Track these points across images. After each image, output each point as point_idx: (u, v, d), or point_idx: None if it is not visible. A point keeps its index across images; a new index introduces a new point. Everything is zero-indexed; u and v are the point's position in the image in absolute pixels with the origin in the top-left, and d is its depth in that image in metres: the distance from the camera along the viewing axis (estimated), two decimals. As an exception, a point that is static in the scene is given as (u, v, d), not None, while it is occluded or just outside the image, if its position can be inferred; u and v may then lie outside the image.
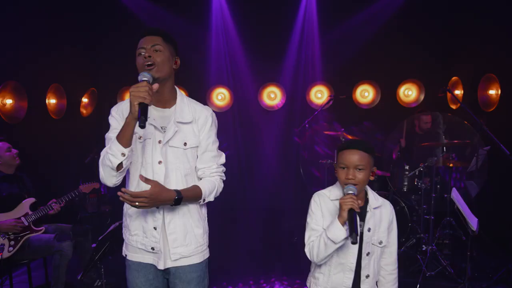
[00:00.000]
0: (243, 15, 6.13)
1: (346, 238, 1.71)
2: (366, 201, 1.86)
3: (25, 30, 4.42)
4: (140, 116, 1.61)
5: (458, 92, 5.46)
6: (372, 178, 1.82)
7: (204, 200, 1.88)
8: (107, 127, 1.84)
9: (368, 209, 1.84)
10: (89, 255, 3.14)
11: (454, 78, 5.54)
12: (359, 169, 1.76)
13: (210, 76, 6.25)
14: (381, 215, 1.87)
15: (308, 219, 1.90)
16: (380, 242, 1.84)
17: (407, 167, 4.38)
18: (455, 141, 4.27)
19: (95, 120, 5.84)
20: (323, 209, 1.86)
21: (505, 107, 4.54)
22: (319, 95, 6.28)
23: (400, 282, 2.00)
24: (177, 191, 1.76)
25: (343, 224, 1.69)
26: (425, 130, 4.71)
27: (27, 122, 4.41)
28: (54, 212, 3.37)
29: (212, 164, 1.93)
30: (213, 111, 2.02)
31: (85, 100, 5.77)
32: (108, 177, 1.73)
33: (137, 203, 1.66)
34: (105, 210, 5.01)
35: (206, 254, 1.97)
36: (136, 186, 1.84)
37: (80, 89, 5.68)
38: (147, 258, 1.87)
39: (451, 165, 4.28)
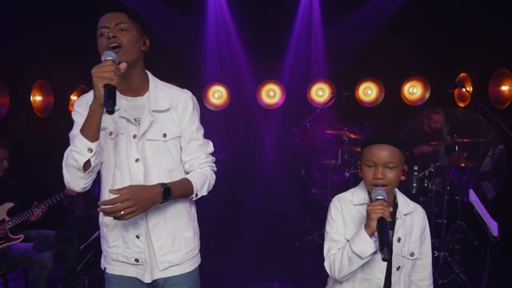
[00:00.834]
0: (241, 10, 5.90)
1: (375, 253, 1.44)
2: (395, 206, 1.59)
3: (10, 22, 4.15)
4: (107, 99, 1.34)
5: (468, 89, 5.23)
6: (403, 177, 1.55)
7: (196, 195, 1.63)
8: None
9: (397, 215, 1.57)
10: (71, 264, 2.86)
11: (462, 74, 5.31)
12: (390, 168, 1.50)
13: (206, 73, 5.99)
14: (412, 222, 1.60)
15: (328, 228, 1.62)
16: (412, 254, 1.58)
17: (416, 168, 4.12)
18: (466, 139, 4.01)
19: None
20: (345, 215, 1.59)
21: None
22: (320, 93, 6.04)
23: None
24: (161, 184, 1.51)
25: (371, 235, 1.43)
26: (435, 129, 4.47)
27: (9, 119, 4.13)
28: (36, 219, 3.08)
29: (200, 155, 1.69)
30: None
31: (74, 98, 5.49)
32: (74, 180, 1.47)
33: (122, 212, 1.39)
34: (95, 213, 4.72)
35: (198, 261, 1.74)
36: (111, 189, 1.58)
37: (68, 86, 5.40)
38: (130, 271, 1.63)
39: (462, 165, 4.03)
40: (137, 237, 1.57)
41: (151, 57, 1.82)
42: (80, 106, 1.59)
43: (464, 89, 4.02)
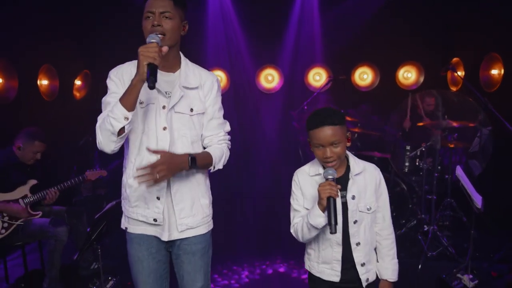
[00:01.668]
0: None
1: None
2: (347, 168, 1.80)
3: (17, 7, 4.23)
4: (150, 76, 1.53)
5: (459, 73, 5.37)
6: (349, 144, 1.75)
7: (214, 167, 1.84)
8: (101, 110, 1.74)
9: (350, 176, 1.78)
10: (85, 236, 3.05)
11: (455, 59, 5.47)
12: (335, 144, 1.69)
13: (205, 57, 6.10)
14: (365, 180, 1.80)
15: (290, 200, 1.86)
16: (369, 209, 1.78)
17: (408, 147, 4.31)
18: (456, 123, 4.16)
19: (89, 103, 5.66)
20: (303, 188, 1.81)
21: (508, 86, 4.46)
22: (317, 77, 6.20)
23: (402, 263, 1.96)
24: (189, 153, 1.72)
25: (323, 211, 1.64)
26: (428, 112, 4.62)
27: (18, 103, 4.26)
28: (48, 202, 3.24)
29: (219, 132, 1.89)
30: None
31: (78, 82, 5.61)
32: (107, 142, 1.64)
33: (157, 175, 1.60)
34: (101, 193, 4.90)
35: (211, 225, 1.94)
36: (136, 154, 1.76)
37: (72, 71, 5.51)
38: (150, 230, 1.82)
39: (451, 145, 4.20)
40: (158, 198, 1.75)
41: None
42: (116, 75, 1.76)
43: (455, 73, 4.17)
